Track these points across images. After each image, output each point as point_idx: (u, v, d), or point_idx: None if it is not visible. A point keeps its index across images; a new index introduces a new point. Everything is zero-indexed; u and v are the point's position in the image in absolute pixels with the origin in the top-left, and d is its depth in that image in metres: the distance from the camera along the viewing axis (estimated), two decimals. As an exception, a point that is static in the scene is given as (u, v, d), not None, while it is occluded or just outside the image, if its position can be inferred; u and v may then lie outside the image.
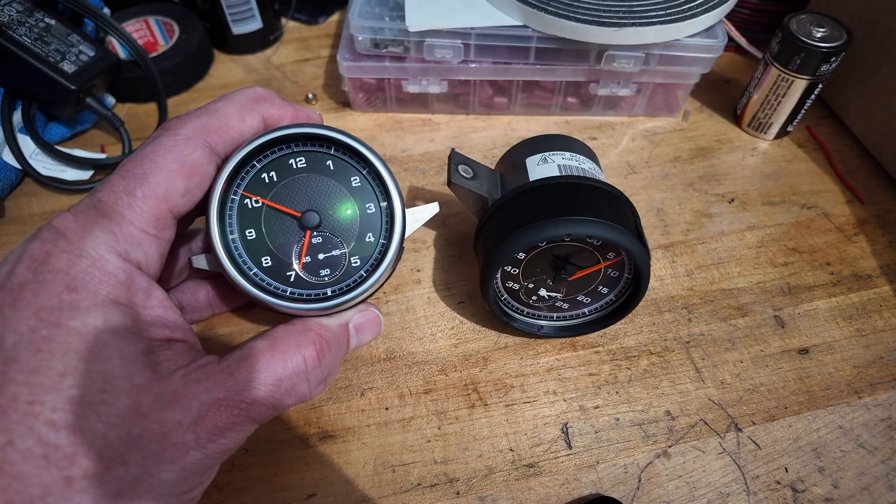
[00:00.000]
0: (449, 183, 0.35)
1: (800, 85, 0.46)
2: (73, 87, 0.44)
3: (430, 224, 0.45)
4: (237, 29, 0.56)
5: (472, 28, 0.45)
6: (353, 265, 0.27)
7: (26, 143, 0.46)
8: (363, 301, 0.28)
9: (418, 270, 0.42)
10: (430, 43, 0.46)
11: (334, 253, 0.27)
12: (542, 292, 0.35)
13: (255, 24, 0.56)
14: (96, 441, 0.19)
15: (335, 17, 0.63)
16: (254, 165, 0.27)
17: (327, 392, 0.36)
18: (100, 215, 0.22)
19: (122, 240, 0.22)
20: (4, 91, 0.44)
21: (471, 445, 0.34)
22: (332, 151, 0.27)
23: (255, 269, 0.26)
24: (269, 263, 0.27)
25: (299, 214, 0.27)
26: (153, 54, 0.53)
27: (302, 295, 0.27)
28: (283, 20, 0.62)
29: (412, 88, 0.49)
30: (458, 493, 0.32)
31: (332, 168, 0.27)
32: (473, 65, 0.47)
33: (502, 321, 0.36)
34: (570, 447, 0.34)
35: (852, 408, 0.35)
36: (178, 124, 0.24)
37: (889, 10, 0.44)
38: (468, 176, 0.36)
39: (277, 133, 0.26)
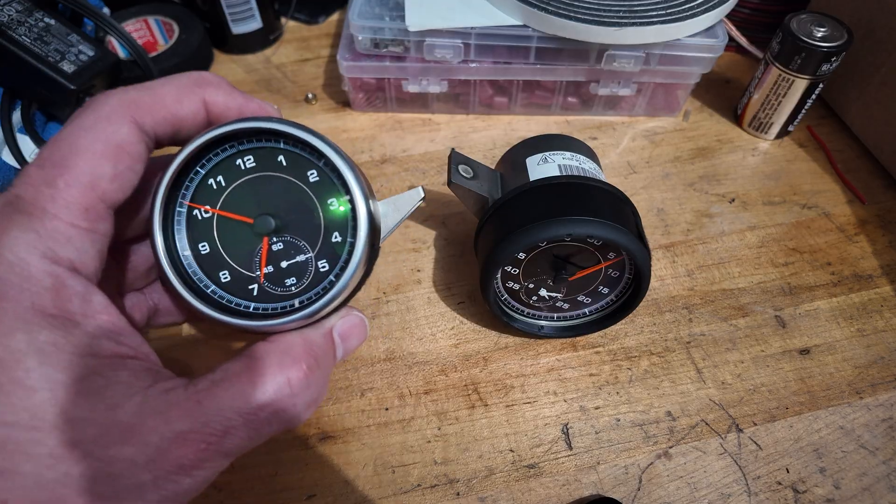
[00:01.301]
0: (449, 183, 0.35)
1: (800, 85, 0.46)
2: (72, 87, 0.44)
3: (430, 224, 0.44)
4: (237, 29, 0.56)
5: (472, 28, 0.45)
6: (322, 269, 0.24)
7: (26, 143, 0.46)
8: (339, 307, 0.25)
9: (418, 270, 0.42)
10: (430, 43, 0.46)
11: (298, 259, 0.24)
12: (543, 292, 0.35)
13: (255, 24, 0.56)
14: (27, 486, 0.17)
15: (335, 17, 0.63)
16: (198, 171, 0.24)
17: (327, 392, 0.36)
18: (16, 212, 0.19)
19: (45, 237, 0.19)
20: (4, 91, 0.44)
21: (471, 446, 0.34)
22: (282, 145, 0.24)
23: (213, 287, 0.24)
24: (228, 279, 0.24)
25: (252, 221, 0.24)
26: (153, 54, 0.53)
27: (268, 309, 0.24)
28: (283, 20, 0.62)
29: (412, 88, 0.49)
30: (458, 493, 0.32)
31: (284, 164, 0.24)
32: (473, 64, 0.47)
33: (502, 321, 0.36)
34: (570, 448, 0.34)
35: (853, 408, 0.35)
36: (100, 100, 0.21)
37: (889, 10, 0.44)
38: (468, 176, 0.36)
39: (218, 131, 0.23)
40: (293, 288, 0.24)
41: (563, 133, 0.43)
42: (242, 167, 0.24)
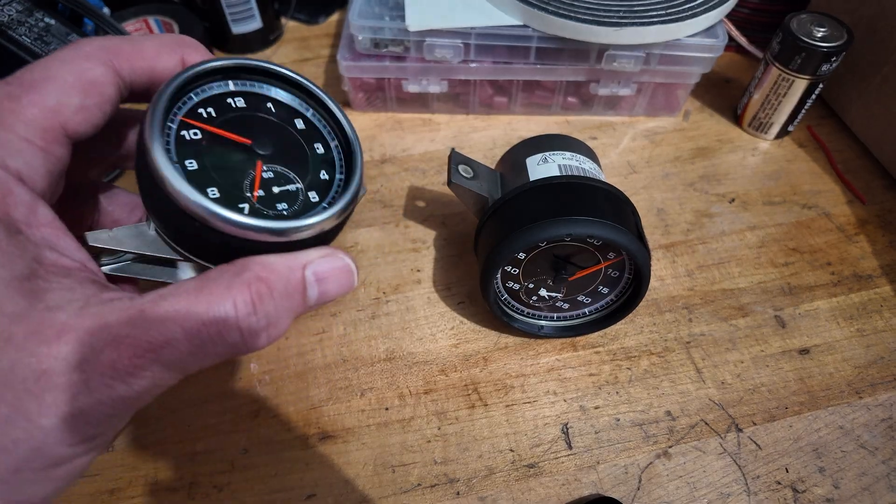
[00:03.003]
0: (449, 183, 0.35)
1: (800, 85, 0.46)
2: (72, 87, 0.44)
3: (430, 224, 0.44)
4: (237, 28, 0.56)
5: (472, 28, 0.45)
6: (312, 200, 0.25)
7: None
8: (317, 238, 0.24)
9: (418, 270, 0.42)
10: (430, 42, 0.46)
11: (289, 188, 0.25)
12: (543, 292, 0.35)
13: (255, 24, 0.56)
14: None
15: (335, 17, 0.63)
16: (190, 97, 0.24)
17: (327, 392, 0.36)
18: None
19: None
20: (4, 91, 0.44)
21: (471, 446, 0.34)
22: (272, 94, 0.26)
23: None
24: (217, 195, 0.23)
25: (250, 142, 0.24)
26: (153, 54, 0.53)
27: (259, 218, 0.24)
28: (283, 20, 0.62)
29: (412, 88, 0.49)
30: (458, 493, 0.32)
31: (273, 111, 0.26)
32: (473, 64, 0.47)
33: (502, 321, 0.36)
34: (570, 447, 0.34)
35: (853, 408, 0.35)
36: (83, 41, 0.22)
37: (890, 10, 0.44)
38: (468, 176, 0.36)
39: (215, 63, 0.24)
40: (285, 212, 0.24)
41: (563, 133, 0.43)
42: (233, 105, 0.25)
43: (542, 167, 0.35)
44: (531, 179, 0.34)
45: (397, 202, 0.46)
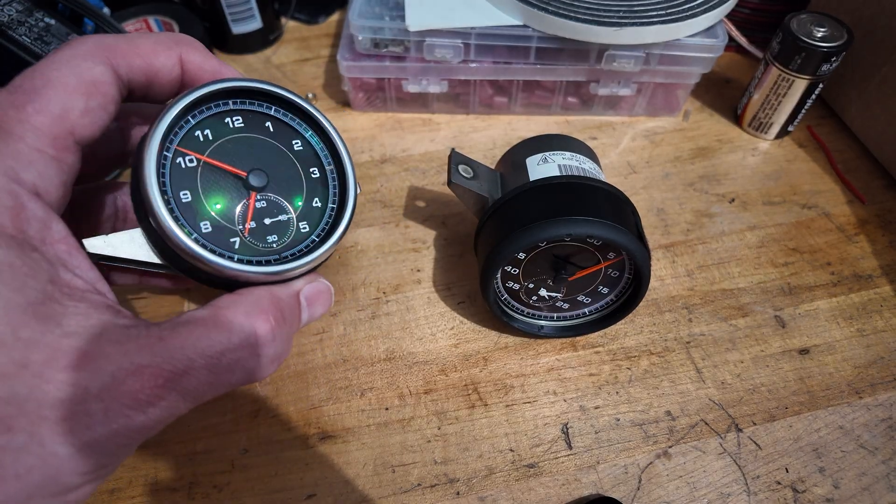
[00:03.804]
0: (449, 183, 0.35)
1: (800, 85, 0.46)
2: (72, 87, 0.44)
3: (430, 224, 0.45)
4: (237, 28, 0.56)
5: (472, 28, 0.45)
6: (302, 231, 0.25)
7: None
8: (314, 269, 0.26)
9: (418, 270, 0.42)
10: (430, 42, 0.46)
11: (280, 218, 0.25)
12: (543, 292, 0.35)
13: (255, 24, 0.56)
14: None
15: (335, 17, 0.63)
16: (187, 121, 0.24)
17: (327, 392, 0.36)
18: None
19: (7, 157, 0.18)
20: (4, 91, 0.44)
21: (471, 446, 0.34)
22: (273, 112, 0.25)
23: (195, 234, 0.23)
24: (209, 229, 0.23)
25: (245, 174, 0.24)
26: (153, 54, 0.53)
27: (252, 261, 0.23)
28: (283, 20, 0.62)
29: (412, 88, 0.49)
30: (458, 493, 0.32)
31: (271, 130, 0.25)
32: (473, 64, 0.47)
33: (502, 321, 0.36)
34: (570, 447, 0.34)
35: (853, 408, 0.35)
36: (78, 40, 0.21)
37: (890, 10, 0.44)
38: (468, 176, 0.36)
39: (216, 86, 0.23)
40: (274, 245, 0.25)
41: (563, 133, 0.43)
42: (231, 125, 0.25)
43: (542, 167, 0.35)
44: (531, 179, 0.34)
45: (397, 202, 0.46)
